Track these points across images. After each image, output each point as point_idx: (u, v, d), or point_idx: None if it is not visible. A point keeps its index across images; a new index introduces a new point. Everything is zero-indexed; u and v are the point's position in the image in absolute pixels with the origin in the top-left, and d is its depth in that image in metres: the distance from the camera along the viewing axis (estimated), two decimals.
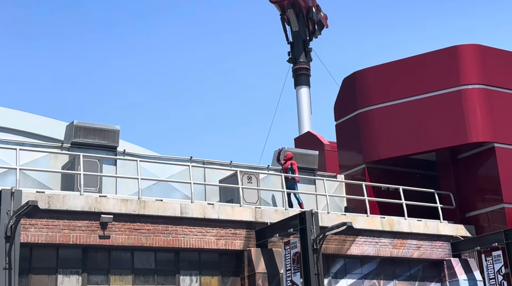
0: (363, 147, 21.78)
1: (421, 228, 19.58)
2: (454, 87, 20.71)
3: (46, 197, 14.05)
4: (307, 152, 21.33)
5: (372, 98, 21.79)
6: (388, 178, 21.33)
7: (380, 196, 20.73)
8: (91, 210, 14.55)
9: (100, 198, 14.80)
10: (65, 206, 14.25)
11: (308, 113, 31.80)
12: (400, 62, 21.78)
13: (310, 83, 32.56)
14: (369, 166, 21.64)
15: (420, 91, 21.15)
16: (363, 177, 21.42)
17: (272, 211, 17.19)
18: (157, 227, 15.38)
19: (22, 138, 18.65)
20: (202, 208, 16.09)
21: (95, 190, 16.04)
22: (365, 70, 22.25)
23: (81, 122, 17.16)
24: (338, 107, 23.19)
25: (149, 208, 15.34)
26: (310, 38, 32.95)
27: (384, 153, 21.36)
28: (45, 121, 21.42)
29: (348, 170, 22.28)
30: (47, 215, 13.94)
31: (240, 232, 16.49)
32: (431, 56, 21.35)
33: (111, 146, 17.58)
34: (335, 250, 17.77)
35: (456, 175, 21.26)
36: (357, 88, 22.21)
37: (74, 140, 17.04)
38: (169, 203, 15.74)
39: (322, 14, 33.88)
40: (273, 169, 20.58)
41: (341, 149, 22.88)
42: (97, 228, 14.59)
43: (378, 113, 21.60)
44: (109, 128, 17.53)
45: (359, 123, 21.97)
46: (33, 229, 13.82)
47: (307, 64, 32.57)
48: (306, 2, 31.79)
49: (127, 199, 15.24)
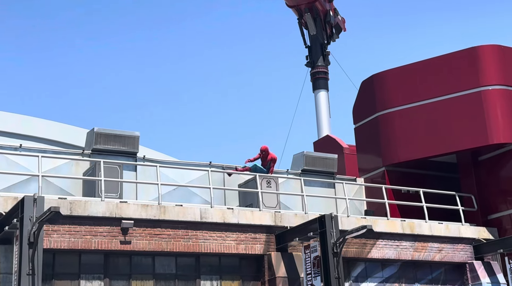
0: (383, 150, 21.68)
1: (442, 231, 19.43)
2: (474, 88, 20.54)
3: (68, 203, 14.23)
4: (326, 156, 21.29)
5: (391, 100, 21.69)
6: (408, 181, 21.20)
7: (400, 199, 20.61)
8: (112, 215, 14.70)
9: (121, 204, 14.95)
10: (86, 212, 14.41)
11: (327, 117, 31.76)
12: (419, 64, 21.67)
13: (328, 87, 32.54)
14: (388, 169, 21.54)
15: (439, 92, 21.02)
16: (383, 180, 21.32)
17: (292, 215, 17.19)
18: (178, 232, 15.48)
19: (44, 146, 18.91)
20: (221, 212, 16.16)
21: (115, 196, 16.19)
22: (384, 73, 22.18)
23: (101, 128, 17.35)
24: (356, 110, 23.12)
25: (169, 213, 15.44)
26: (328, 42, 32.93)
27: (404, 156, 21.24)
28: (67, 129, 21.69)
29: (368, 173, 22.19)
30: (69, 221, 14.11)
31: (260, 237, 16.51)
32: (450, 58, 21.20)
33: (131, 152, 17.74)
34: (356, 254, 17.70)
35: (478, 177, 21.06)
36: (376, 90, 22.13)
37: (95, 147, 17.22)
38: (189, 208, 15.83)
39: (339, 18, 33.84)
40: (293, 173, 20.58)
41: (360, 152, 22.81)
42: (118, 234, 14.73)
43: (397, 115, 21.49)
44: (129, 134, 17.69)
45: (378, 126, 21.89)
46: (55, 235, 13.99)
47: (325, 68, 32.55)
48: (324, 5, 31.79)
49: (148, 204, 15.37)
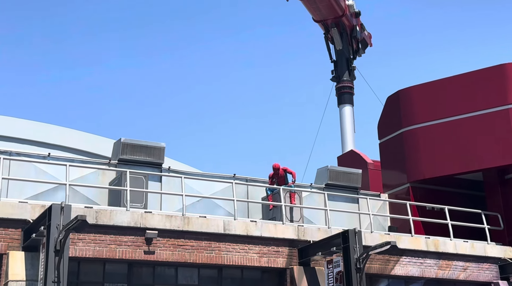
0: (408, 166, 21.55)
1: (467, 249, 19.19)
2: (501, 105, 20.35)
3: (94, 212, 14.40)
4: (350, 171, 21.23)
5: (417, 116, 21.59)
6: (433, 198, 21.02)
7: (424, 216, 20.42)
8: (136, 225, 14.83)
9: (146, 214, 15.08)
10: (112, 221, 14.56)
11: (352, 132, 31.67)
12: (445, 81, 21.56)
13: (353, 102, 32.48)
14: (413, 185, 21.38)
15: (466, 109, 20.86)
16: (407, 197, 21.17)
17: (315, 229, 17.16)
18: (201, 244, 15.55)
19: (72, 155, 19.20)
20: (245, 225, 16.20)
21: (140, 206, 16.36)
22: (410, 89, 22.10)
23: (128, 139, 17.58)
24: (382, 125, 23.04)
25: (193, 224, 15.53)
26: (354, 57, 32.91)
27: (429, 173, 21.08)
28: (94, 139, 22.01)
29: (392, 189, 22.05)
30: (94, 230, 14.27)
31: (282, 250, 16.50)
32: (477, 75, 21.06)
33: (157, 163, 17.91)
34: (379, 270, 17.57)
35: (504, 195, 20.78)
36: (401, 106, 22.05)
37: (121, 157, 17.44)
38: (213, 220, 15.90)
39: (366, 33, 33.82)
40: (316, 188, 20.55)
41: (384, 168, 22.69)
42: (142, 244, 14.85)
43: (423, 131, 21.37)
44: (155, 145, 17.88)
45: (403, 142, 21.77)
46: (81, 244, 14.16)
47: (350, 83, 32.51)
48: (350, 21, 31.82)
49: (172, 215, 15.48)
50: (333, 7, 30.29)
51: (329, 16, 30.88)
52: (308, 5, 30.31)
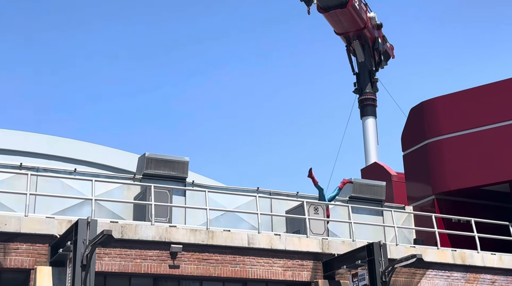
0: (432, 178, 21.35)
1: (495, 262, 18.88)
2: None
3: (120, 226, 14.52)
4: (374, 183, 21.11)
5: (441, 128, 21.42)
6: (459, 210, 20.78)
7: (450, 228, 20.18)
8: (161, 240, 14.91)
9: (170, 228, 15.16)
10: (137, 235, 14.67)
11: (375, 144, 31.51)
12: (470, 91, 21.39)
13: (376, 114, 32.34)
14: (438, 197, 21.17)
15: (492, 120, 20.65)
16: (433, 209, 20.96)
17: (339, 242, 17.07)
18: (225, 257, 15.57)
19: (98, 170, 19.43)
20: (269, 238, 16.18)
21: (165, 220, 16.45)
22: (434, 100, 21.96)
23: (152, 154, 17.73)
24: (405, 137, 22.90)
25: (217, 238, 15.56)
26: (376, 69, 32.82)
27: (454, 184, 20.87)
28: (119, 154, 22.25)
29: (417, 201, 21.85)
30: (120, 244, 14.38)
31: (307, 264, 16.44)
32: (502, 85, 20.86)
33: (181, 177, 18.04)
34: (405, 283, 17.38)
35: None
36: (425, 118, 21.91)
37: (146, 172, 17.59)
38: (237, 234, 15.92)
39: (388, 45, 33.73)
40: (340, 200, 20.46)
41: (409, 180, 22.51)
42: (167, 258, 14.92)
43: (447, 143, 21.19)
44: (179, 159, 18.01)
45: (427, 154, 21.60)
46: (107, 258, 14.28)
47: (373, 95, 32.40)
48: (372, 33, 31.78)
49: (196, 229, 15.54)
50: (354, 20, 30.30)
51: (351, 28, 30.88)
52: (330, 18, 30.37)
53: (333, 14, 29.81)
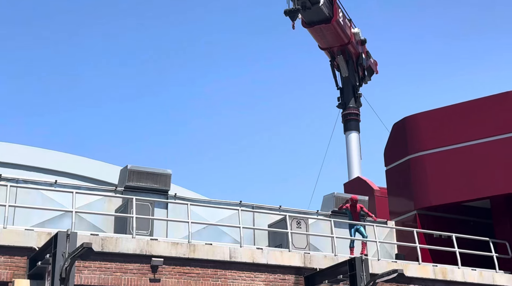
0: (415, 193, 21.46)
1: (475, 277, 18.98)
2: (508, 133, 20.33)
3: (100, 239, 14.38)
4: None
5: (424, 143, 21.57)
6: (441, 225, 20.88)
7: (432, 243, 20.25)
8: (142, 253, 14.79)
9: (151, 241, 15.05)
10: (117, 248, 14.53)
11: (358, 159, 31.64)
12: (452, 107, 21.59)
13: (359, 129, 32.52)
14: (420, 212, 21.27)
15: (473, 136, 20.84)
16: (415, 224, 21.03)
17: (321, 257, 17.05)
18: (207, 271, 15.46)
19: (79, 182, 19.25)
20: (251, 252, 16.12)
21: (146, 233, 16.32)
22: (416, 115, 22.13)
23: (134, 166, 17.63)
24: (388, 152, 23.03)
25: (198, 251, 15.47)
26: (360, 84, 33.06)
27: (436, 200, 20.98)
28: (100, 166, 22.09)
29: (399, 216, 21.93)
30: (100, 257, 14.24)
31: (289, 278, 16.38)
32: (484, 101, 21.09)
33: (163, 189, 17.94)
34: None
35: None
36: (408, 133, 22.06)
37: (128, 184, 17.48)
38: (219, 247, 15.84)
39: (372, 60, 34.03)
40: (323, 214, 20.47)
41: (391, 195, 22.60)
42: (148, 271, 14.79)
43: (429, 158, 21.33)
44: (161, 172, 17.93)
45: (410, 169, 21.73)
46: (86, 271, 14.11)
47: (356, 110, 32.61)
48: (356, 48, 32.05)
49: (177, 242, 15.43)
50: (339, 35, 30.53)
51: (335, 43, 31.11)
52: (314, 33, 30.56)
53: (318, 29, 30.01)
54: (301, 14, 27.80)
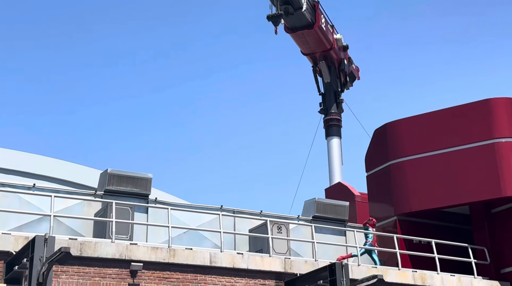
0: (395, 199, 21.57)
1: (454, 283, 19.11)
2: (487, 140, 20.54)
3: (78, 244, 14.24)
4: (337, 203, 21.21)
5: (404, 149, 21.71)
6: (420, 231, 21.00)
7: (411, 249, 20.37)
8: (121, 257, 14.66)
9: (131, 245, 14.93)
10: (96, 253, 14.40)
11: (339, 164, 31.75)
12: (432, 114, 21.76)
13: (341, 134, 32.65)
14: (400, 218, 21.38)
15: (453, 143, 21.02)
16: (395, 230, 21.13)
17: (302, 262, 17.05)
18: (186, 276, 15.38)
19: (57, 186, 19.06)
20: (231, 257, 16.07)
21: (126, 237, 16.19)
22: (397, 122, 22.27)
23: (115, 170, 17.49)
24: (369, 158, 23.14)
25: (178, 256, 15.38)
26: (342, 90, 33.20)
27: (416, 206, 21.10)
28: (80, 169, 21.88)
29: (379, 222, 22.00)
30: (78, 262, 14.09)
31: (269, 283, 16.35)
32: (464, 109, 21.29)
33: (143, 194, 17.81)
34: None
35: (491, 229, 20.81)
36: (388, 139, 22.18)
37: (108, 188, 17.33)
38: (199, 252, 15.77)
39: (354, 66, 34.21)
40: (303, 220, 20.48)
41: (372, 200, 22.70)
42: (127, 276, 14.66)
43: (410, 164, 21.46)
44: (142, 176, 17.80)
45: (390, 175, 21.84)
46: (64, 276, 13.96)
47: (338, 115, 32.74)
48: (338, 54, 32.19)
49: (157, 247, 15.33)
50: (321, 41, 30.66)
51: (318, 49, 31.23)
52: (296, 38, 30.66)
53: (300, 34, 30.10)
54: (284, 20, 27.88)
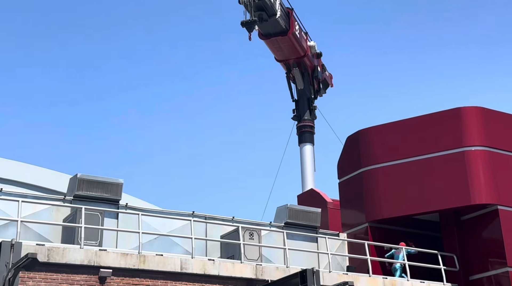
0: (366, 206, 21.69)
1: None
2: (457, 148, 20.80)
3: (46, 250, 14.00)
4: (309, 210, 21.25)
5: (376, 157, 21.87)
6: (391, 238, 21.15)
7: (382, 256, 20.50)
8: (90, 264, 14.46)
9: (100, 251, 14.73)
10: (64, 259, 14.17)
11: (312, 171, 31.83)
12: (404, 122, 21.97)
13: (314, 141, 32.74)
14: (372, 225, 21.50)
15: (423, 151, 21.23)
16: (366, 236, 21.25)
17: (273, 268, 17.02)
18: (157, 283, 15.22)
19: (25, 190, 18.73)
20: (202, 264, 15.96)
21: (95, 243, 15.97)
22: (369, 129, 22.43)
23: (84, 175, 17.26)
24: (341, 165, 23.25)
25: (149, 262, 15.22)
26: (315, 97, 33.34)
27: (387, 213, 21.25)
28: (49, 174, 21.54)
29: (351, 228, 22.12)
30: (45, 268, 13.86)
31: None
32: (434, 117, 21.54)
33: (114, 199, 17.60)
34: None
35: (460, 236, 21.06)
36: (360, 146, 22.32)
37: (77, 193, 17.08)
38: (169, 258, 15.63)
39: (327, 73, 34.40)
40: (275, 226, 20.47)
41: (344, 207, 22.80)
42: (95, 283, 14.45)
43: (381, 172, 21.62)
44: (113, 181, 17.59)
45: (362, 182, 21.97)
46: (31, 283, 13.70)
47: (311, 122, 32.84)
48: (312, 61, 32.35)
49: (127, 253, 15.15)
50: (295, 48, 30.77)
51: (291, 56, 31.32)
52: (270, 45, 30.71)
53: (274, 41, 30.16)
54: (258, 26, 27.91)
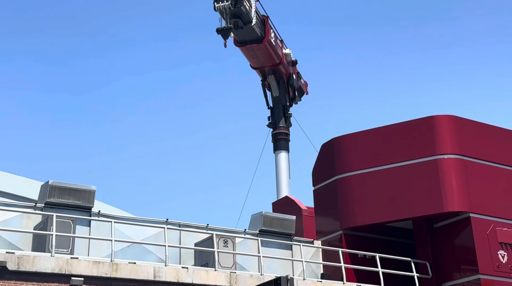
0: (341, 213, 21.76)
1: None
2: (430, 156, 21.00)
3: (16, 258, 13.74)
4: (284, 217, 21.25)
5: (350, 164, 21.97)
6: (365, 245, 21.23)
7: (356, 263, 20.56)
8: (61, 272, 14.24)
9: (71, 260, 14.51)
10: (34, 267, 13.93)
11: (287, 178, 31.86)
12: (377, 130, 22.13)
13: (289, 148, 32.80)
14: (346, 232, 21.57)
15: (397, 159, 21.40)
16: (340, 244, 21.30)
17: (247, 276, 16.95)
18: None
19: None
20: (176, 271, 15.82)
21: (67, 251, 15.73)
22: (343, 137, 22.54)
23: (56, 182, 17.01)
24: (316, 172, 23.31)
25: (121, 271, 15.04)
26: (290, 104, 33.43)
27: (361, 220, 21.35)
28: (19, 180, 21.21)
29: (325, 236, 22.16)
30: (15, 277, 13.61)
31: None
32: (407, 125, 21.74)
33: (86, 206, 17.38)
34: None
35: (433, 244, 21.23)
36: (335, 154, 22.41)
37: (48, 200, 16.82)
38: (142, 266, 15.47)
39: (302, 81, 34.54)
40: (250, 233, 20.40)
41: (318, 214, 22.84)
42: None
43: (355, 179, 21.72)
44: (85, 188, 17.37)
45: (336, 189, 22.04)
46: None
47: (286, 129, 32.91)
48: (287, 69, 32.45)
49: (99, 261, 14.95)
50: (270, 55, 30.83)
51: (267, 63, 31.38)
52: (246, 52, 30.73)
53: (250, 48, 30.18)
54: (233, 33, 27.90)
